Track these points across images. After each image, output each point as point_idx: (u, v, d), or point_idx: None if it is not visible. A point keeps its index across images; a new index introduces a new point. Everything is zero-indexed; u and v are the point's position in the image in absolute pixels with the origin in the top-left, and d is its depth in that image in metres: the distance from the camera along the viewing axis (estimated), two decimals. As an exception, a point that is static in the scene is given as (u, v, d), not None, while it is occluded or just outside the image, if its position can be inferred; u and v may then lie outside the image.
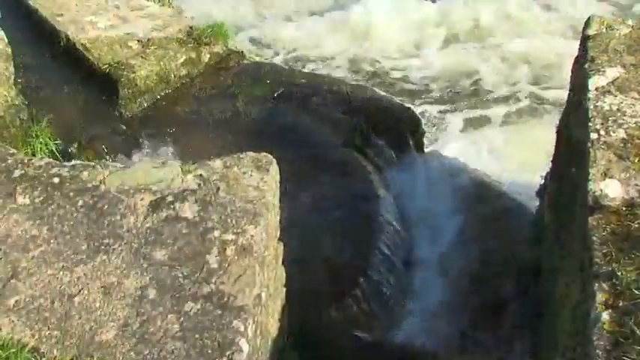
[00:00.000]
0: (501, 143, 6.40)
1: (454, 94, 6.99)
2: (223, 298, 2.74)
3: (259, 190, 3.08)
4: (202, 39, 5.82)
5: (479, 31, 7.50)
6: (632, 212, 3.02)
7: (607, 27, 3.83)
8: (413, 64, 7.21)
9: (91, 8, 5.88)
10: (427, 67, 7.21)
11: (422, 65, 7.22)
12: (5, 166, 3.18)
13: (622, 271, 2.81)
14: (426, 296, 4.87)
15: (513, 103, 6.85)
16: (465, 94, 7.00)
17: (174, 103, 5.58)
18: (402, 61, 7.25)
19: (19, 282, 2.79)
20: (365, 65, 7.23)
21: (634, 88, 3.50)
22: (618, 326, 2.68)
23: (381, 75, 7.14)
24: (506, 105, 6.83)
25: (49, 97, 5.33)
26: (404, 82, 7.07)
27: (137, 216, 2.99)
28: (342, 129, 5.47)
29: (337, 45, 7.36)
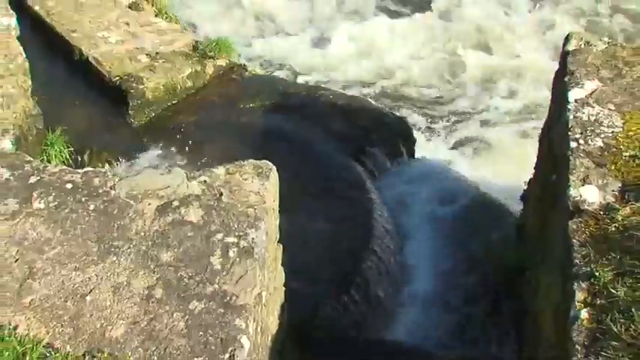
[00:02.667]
0: (487, 151, 6.41)
1: (443, 105, 7.00)
2: (226, 298, 2.74)
3: (260, 195, 3.08)
4: (207, 53, 5.83)
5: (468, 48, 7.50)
6: (610, 216, 3.03)
7: (585, 43, 3.83)
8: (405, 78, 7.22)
9: (103, 24, 5.88)
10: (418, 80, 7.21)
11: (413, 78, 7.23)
12: (22, 172, 3.16)
13: (600, 271, 2.81)
14: (417, 294, 4.86)
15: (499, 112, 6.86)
16: (453, 105, 7.01)
17: (180, 113, 5.58)
18: (395, 75, 7.25)
19: (34, 282, 2.78)
20: (361, 78, 7.23)
21: (610, 100, 3.51)
22: (596, 323, 2.68)
23: (376, 87, 7.15)
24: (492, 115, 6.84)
25: (64, 107, 5.33)
26: (397, 94, 7.07)
27: (145, 220, 2.99)
28: (338, 137, 5.47)
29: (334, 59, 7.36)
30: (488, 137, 6.56)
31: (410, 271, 4.99)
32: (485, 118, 6.81)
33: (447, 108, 6.95)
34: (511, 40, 7.52)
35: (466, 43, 7.58)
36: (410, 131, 5.89)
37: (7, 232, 2.92)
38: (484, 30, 7.63)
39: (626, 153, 3.26)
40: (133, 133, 5.45)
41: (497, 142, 6.48)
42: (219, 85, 5.78)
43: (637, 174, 3.17)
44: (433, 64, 7.39)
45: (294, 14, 7.87)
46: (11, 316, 2.66)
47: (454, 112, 6.91)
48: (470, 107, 6.97)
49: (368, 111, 5.90)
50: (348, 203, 4.99)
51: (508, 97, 7.03)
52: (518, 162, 5.57)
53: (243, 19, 7.79)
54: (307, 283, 4.12)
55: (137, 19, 6.05)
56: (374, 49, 7.51)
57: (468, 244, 5.10)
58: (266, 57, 7.33)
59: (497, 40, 7.53)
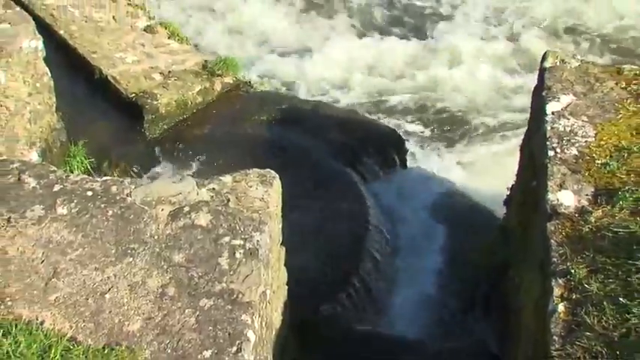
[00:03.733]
0: (473, 160, 6.40)
1: (434, 118, 6.99)
2: (233, 295, 2.74)
3: (264, 201, 3.09)
4: (215, 71, 5.83)
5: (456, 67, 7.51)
6: (584, 218, 3.04)
7: (560, 61, 3.84)
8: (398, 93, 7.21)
9: (120, 46, 5.90)
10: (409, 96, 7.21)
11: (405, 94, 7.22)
12: (47, 181, 3.17)
13: (575, 268, 2.83)
14: (409, 292, 4.86)
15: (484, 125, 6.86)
16: (442, 118, 6.99)
17: (191, 126, 5.59)
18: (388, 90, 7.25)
19: (58, 281, 2.79)
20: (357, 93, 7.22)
21: (584, 113, 3.52)
22: (572, 316, 2.70)
23: (371, 101, 7.13)
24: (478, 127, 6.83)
25: (85, 121, 5.33)
26: (390, 108, 7.07)
27: (158, 224, 3.00)
28: (336, 148, 5.48)
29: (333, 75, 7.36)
30: (473, 148, 6.56)
31: (402, 271, 4.98)
32: (471, 130, 6.80)
33: (436, 121, 6.94)
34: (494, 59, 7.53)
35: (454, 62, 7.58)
36: (402, 142, 5.89)
37: (34, 235, 2.94)
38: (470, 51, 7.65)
39: (598, 161, 3.27)
40: (147, 145, 5.46)
41: (482, 152, 6.48)
42: (226, 100, 5.79)
43: (608, 180, 3.18)
44: (423, 80, 7.38)
45: (294, 35, 7.87)
46: (38, 312, 2.67)
47: (443, 125, 6.90)
48: (458, 120, 6.96)
49: (363, 123, 5.91)
50: (344, 208, 4.98)
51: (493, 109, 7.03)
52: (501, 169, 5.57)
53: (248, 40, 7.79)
54: (308, 281, 4.12)
55: (152, 41, 6.06)
56: (368, 66, 7.51)
57: (457, 245, 5.10)
58: (269, 74, 7.31)
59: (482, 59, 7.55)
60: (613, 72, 3.77)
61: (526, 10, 8.20)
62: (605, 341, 2.53)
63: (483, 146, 6.61)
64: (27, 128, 4.18)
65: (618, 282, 2.71)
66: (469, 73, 7.41)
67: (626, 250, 2.82)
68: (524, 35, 7.88)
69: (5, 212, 3.01)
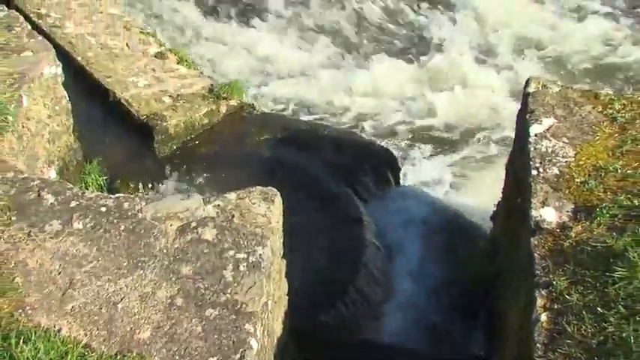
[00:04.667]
0: (461, 177, 6.39)
1: (425, 138, 6.97)
2: (237, 306, 2.75)
3: (266, 217, 3.09)
4: (221, 94, 5.81)
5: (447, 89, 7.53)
6: (565, 233, 3.06)
7: (542, 86, 3.85)
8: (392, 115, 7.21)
9: (133, 71, 5.89)
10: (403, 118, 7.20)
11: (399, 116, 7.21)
12: (64, 198, 3.19)
13: (557, 280, 2.85)
14: (403, 302, 4.84)
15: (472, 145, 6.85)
16: (433, 138, 6.98)
17: (198, 146, 5.57)
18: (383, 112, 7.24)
19: (74, 291, 2.80)
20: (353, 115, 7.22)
21: (564, 134, 3.54)
22: (554, 325, 2.72)
23: (367, 122, 7.11)
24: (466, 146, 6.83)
25: (99, 141, 5.33)
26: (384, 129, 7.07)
27: (167, 238, 3.00)
28: (334, 166, 5.46)
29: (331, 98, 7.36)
30: (462, 166, 6.54)
31: (397, 281, 4.97)
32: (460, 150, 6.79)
33: (428, 141, 6.92)
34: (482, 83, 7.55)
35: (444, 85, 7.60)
36: (396, 161, 5.88)
37: (52, 248, 2.95)
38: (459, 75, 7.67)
39: (577, 179, 3.29)
40: (157, 163, 5.44)
41: (469, 170, 6.47)
42: (231, 121, 5.76)
43: (586, 197, 3.20)
44: (415, 102, 7.38)
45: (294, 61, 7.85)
46: (56, 320, 2.69)
47: (434, 144, 6.88)
48: (447, 140, 6.95)
49: (359, 143, 5.88)
50: (341, 223, 4.97)
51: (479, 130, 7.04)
52: (488, 187, 5.58)
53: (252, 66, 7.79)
54: (308, 292, 4.10)
55: (162, 66, 6.05)
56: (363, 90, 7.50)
57: (448, 258, 5.08)
58: (271, 97, 7.29)
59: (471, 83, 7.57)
60: (590, 96, 3.79)
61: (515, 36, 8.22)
62: (585, 348, 2.56)
63: (471, 165, 6.60)
64: (46, 148, 4.19)
65: (596, 293, 2.73)
66: (458, 96, 7.40)
67: (603, 263, 2.84)
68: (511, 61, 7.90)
69: (26, 227, 3.03)
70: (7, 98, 3.64)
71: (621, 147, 3.43)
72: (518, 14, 8.50)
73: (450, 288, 4.85)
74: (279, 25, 8.42)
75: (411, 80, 7.68)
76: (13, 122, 3.61)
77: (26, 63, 3.97)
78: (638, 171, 3.26)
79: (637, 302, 2.62)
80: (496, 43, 8.15)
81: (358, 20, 8.56)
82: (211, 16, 8.45)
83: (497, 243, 4.44)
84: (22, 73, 3.87)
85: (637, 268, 2.71)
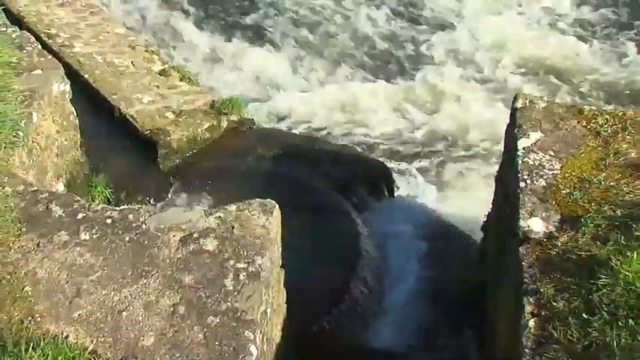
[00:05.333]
0: (453, 189, 6.40)
1: (418, 152, 7.00)
2: (237, 314, 2.75)
3: (265, 228, 3.10)
4: (222, 110, 5.83)
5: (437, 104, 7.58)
6: (552, 243, 3.08)
7: (530, 102, 3.87)
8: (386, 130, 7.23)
9: (137, 88, 5.93)
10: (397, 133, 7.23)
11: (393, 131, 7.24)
12: (72, 210, 3.20)
13: (544, 288, 2.86)
14: (397, 308, 4.83)
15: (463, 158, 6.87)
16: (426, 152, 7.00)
17: (200, 160, 5.58)
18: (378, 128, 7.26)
19: (81, 300, 2.81)
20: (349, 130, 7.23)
21: (550, 148, 3.56)
22: (541, 330, 2.73)
23: (362, 137, 7.13)
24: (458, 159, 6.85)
25: (105, 155, 5.32)
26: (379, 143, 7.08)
27: (170, 249, 3.01)
28: (331, 179, 5.47)
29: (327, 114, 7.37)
30: (454, 178, 6.56)
31: (390, 289, 4.96)
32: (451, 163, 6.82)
33: (420, 155, 6.95)
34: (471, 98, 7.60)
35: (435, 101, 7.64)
36: (390, 174, 5.90)
37: (60, 258, 2.97)
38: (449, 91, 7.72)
39: (563, 191, 3.31)
40: (161, 176, 5.45)
41: (462, 183, 6.49)
42: (231, 136, 5.78)
43: (572, 208, 3.22)
44: (408, 118, 7.42)
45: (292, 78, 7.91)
46: (63, 327, 2.70)
47: (427, 157, 6.90)
48: (439, 154, 6.97)
49: (355, 157, 5.91)
50: (338, 233, 4.98)
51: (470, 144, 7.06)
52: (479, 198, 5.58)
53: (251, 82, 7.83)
54: (305, 300, 4.09)
55: (165, 83, 6.09)
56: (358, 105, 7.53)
57: (440, 266, 5.08)
58: (270, 113, 7.32)
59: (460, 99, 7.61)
60: (575, 112, 3.81)
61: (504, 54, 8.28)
62: (570, 352, 2.57)
63: (462, 177, 6.62)
64: (54, 162, 4.20)
65: (581, 300, 2.74)
66: (451, 111, 7.45)
67: (588, 271, 2.85)
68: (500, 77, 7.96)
69: (35, 237, 3.05)
70: (18, 115, 3.67)
71: (604, 160, 3.45)
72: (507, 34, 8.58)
73: (441, 295, 4.84)
74: (278, 44, 8.48)
75: (405, 96, 7.73)
76: (24, 137, 3.64)
77: (36, 81, 3.99)
78: (620, 183, 3.29)
79: (619, 308, 2.64)
80: (486, 60, 8.22)
81: (354, 40, 8.63)
82: (213, 35, 8.52)
83: (487, 252, 4.46)
84: (33, 90, 3.90)
85: (619, 275, 2.73)
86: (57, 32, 6.46)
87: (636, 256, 2.77)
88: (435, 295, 4.88)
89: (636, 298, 2.64)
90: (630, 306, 2.62)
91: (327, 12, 8.99)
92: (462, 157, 6.89)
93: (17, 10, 6.65)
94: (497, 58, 8.23)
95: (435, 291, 4.90)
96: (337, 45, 8.53)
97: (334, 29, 8.73)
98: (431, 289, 4.92)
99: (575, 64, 8.11)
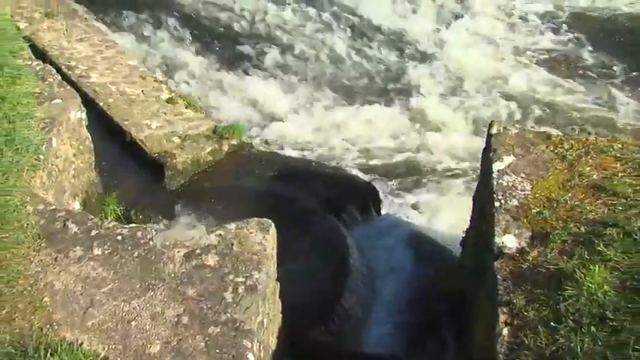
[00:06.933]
0: (435, 208, 6.40)
1: (403, 173, 7.02)
2: (236, 324, 2.76)
3: (262, 245, 3.11)
4: (223, 135, 5.85)
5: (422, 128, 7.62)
6: (523, 257, 3.10)
7: (503, 128, 3.91)
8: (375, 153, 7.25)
9: (147, 115, 5.96)
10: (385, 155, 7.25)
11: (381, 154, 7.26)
12: (86, 227, 3.22)
13: (516, 299, 2.88)
14: (384, 317, 4.83)
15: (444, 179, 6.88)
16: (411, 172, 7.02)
17: (203, 181, 5.59)
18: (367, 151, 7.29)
19: (94, 310, 2.82)
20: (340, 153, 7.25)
21: (522, 171, 3.59)
22: (514, 337, 2.75)
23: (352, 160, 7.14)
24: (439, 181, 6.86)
25: (117, 176, 5.33)
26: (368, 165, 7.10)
27: (175, 264, 3.02)
28: (323, 199, 5.47)
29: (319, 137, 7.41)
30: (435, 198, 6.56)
31: (377, 300, 4.97)
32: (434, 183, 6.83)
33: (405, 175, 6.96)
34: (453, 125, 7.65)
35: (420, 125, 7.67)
36: (377, 194, 5.90)
37: (75, 272, 2.98)
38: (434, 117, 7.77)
39: (534, 210, 3.34)
40: (167, 196, 5.46)
41: (442, 201, 6.49)
42: (232, 159, 5.79)
43: (541, 225, 3.25)
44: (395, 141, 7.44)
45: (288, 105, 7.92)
46: (78, 335, 2.71)
47: (411, 178, 6.92)
48: (423, 174, 7.00)
49: (345, 178, 5.93)
50: (329, 249, 4.98)
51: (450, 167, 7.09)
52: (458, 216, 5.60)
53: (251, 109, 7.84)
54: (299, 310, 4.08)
55: (172, 110, 6.11)
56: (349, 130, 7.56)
57: (423, 278, 5.07)
58: (267, 137, 7.33)
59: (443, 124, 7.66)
60: (544, 137, 3.85)
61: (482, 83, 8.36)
62: (540, 357, 2.59)
63: (443, 196, 6.63)
64: (71, 182, 4.22)
65: (550, 309, 2.77)
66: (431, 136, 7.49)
67: (555, 283, 2.88)
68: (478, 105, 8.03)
69: (53, 252, 3.06)
70: (40, 140, 3.70)
71: (570, 181, 3.48)
72: (484, 65, 8.66)
73: (424, 304, 4.83)
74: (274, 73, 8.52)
75: (392, 121, 7.76)
76: (45, 161, 3.66)
77: (56, 109, 4.03)
78: (584, 202, 3.32)
79: (583, 316, 2.66)
80: (466, 89, 8.29)
81: (343, 69, 8.69)
82: (215, 66, 8.56)
83: (466, 265, 4.46)
84: (53, 117, 3.93)
85: (583, 287, 2.76)
86: (76, 64, 6.51)
87: (598, 269, 2.81)
88: (418, 304, 4.87)
89: (598, 307, 2.67)
90: (593, 314, 2.65)
91: (319, 44, 9.05)
92: (443, 178, 6.90)
93: (42, 45, 6.73)
94: (476, 88, 8.30)
95: (419, 300, 4.89)
96: (327, 74, 8.57)
97: (325, 59, 8.79)
98: (415, 298, 4.91)
99: (546, 94, 8.20)
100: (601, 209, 3.24)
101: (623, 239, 2.97)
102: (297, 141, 7.35)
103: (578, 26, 9.51)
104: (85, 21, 7.61)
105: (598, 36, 9.23)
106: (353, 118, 7.73)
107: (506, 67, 8.64)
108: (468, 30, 9.32)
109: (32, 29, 6.96)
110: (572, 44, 9.14)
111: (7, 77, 4.03)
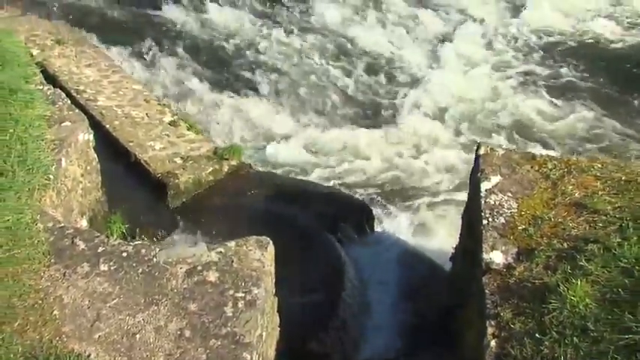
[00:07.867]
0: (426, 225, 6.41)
1: (394, 191, 7.03)
2: (236, 337, 2.76)
3: (261, 262, 3.12)
4: (224, 156, 5.88)
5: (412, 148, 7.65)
6: (510, 273, 3.12)
7: (490, 149, 3.93)
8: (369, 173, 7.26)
9: (150, 137, 6.00)
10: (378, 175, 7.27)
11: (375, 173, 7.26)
12: (93, 244, 3.23)
13: (503, 312, 2.90)
14: (377, 327, 4.84)
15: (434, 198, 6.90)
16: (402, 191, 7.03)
17: (204, 200, 5.61)
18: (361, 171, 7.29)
19: (101, 323, 2.83)
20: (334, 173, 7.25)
21: (508, 190, 3.61)
22: (501, 349, 2.77)
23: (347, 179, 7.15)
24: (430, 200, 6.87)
25: (122, 195, 5.32)
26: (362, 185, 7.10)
27: (177, 279, 3.03)
28: (319, 217, 5.49)
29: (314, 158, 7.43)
30: (426, 215, 6.58)
31: (372, 311, 4.97)
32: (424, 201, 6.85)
33: (397, 194, 6.98)
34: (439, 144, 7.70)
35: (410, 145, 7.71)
36: (371, 212, 5.92)
37: (83, 287, 2.99)
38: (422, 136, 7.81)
39: (519, 227, 3.36)
40: (170, 214, 5.48)
41: (432, 218, 6.50)
42: (231, 179, 5.82)
43: (527, 242, 3.27)
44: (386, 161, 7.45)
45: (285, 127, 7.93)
46: (86, 347, 2.72)
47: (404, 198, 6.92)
48: (414, 193, 7.01)
49: (340, 197, 5.97)
50: (325, 264, 4.99)
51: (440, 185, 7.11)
52: (448, 233, 5.62)
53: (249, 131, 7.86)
54: (297, 322, 4.09)
55: (174, 132, 6.15)
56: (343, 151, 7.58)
57: (415, 292, 5.09)
58: (265, 158, 7.33)
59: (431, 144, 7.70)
60: (529, 158, 3.87)
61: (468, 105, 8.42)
62: (525, 368, 2.59)
63: (434, 214, 6.64)
64: (79, 201, 4.23)
65: (535, 322, 2.79)
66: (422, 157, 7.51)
67: (540, 296, 2.90)
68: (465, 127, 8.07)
69: (62, 268, 3.08)
70: (50, 161, 3.73)
71: (554, 199, 3.51)
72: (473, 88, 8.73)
73: (416, 317, 4.84)
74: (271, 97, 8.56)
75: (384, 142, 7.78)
76: (54, 180, 3.69)
77: (65, 131, 4.06)
78: (567, 219, 3.34)
79: (566, 328, 2.68)
80: (454, 112, 8.33)
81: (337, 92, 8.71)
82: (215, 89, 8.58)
83: (455, 280, 4.47)
84: (62, 139, 3.96)
85: (566, 300, 2.77)
86: (84, 88, 6.57)
87: (580, 283, 2.83)
88: (410, 316, 4.88)
89: (580, 318, 2.69)
90: (575, 326, 2.67)
91: (315, 68, 9.12)
92: (433, 197, 6.91)
93: (53, 70, 6.80)
94: (464, 110, 8.35)
95: (411, 313, 4.90)
96: (322, 97, 8.61)
97: (320, 83, 8.84)
98: (407, 311, 4.92)
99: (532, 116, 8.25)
100: (582, 226, 3.27)
101: (603, 254, 3.00)
102: (294, 161, 7.35)
103: (565, 49, 9.60)
104: (93, 47, 7.69)
105: (585, 59, 9.32)
106: (347, 139, 7.74)
107: (493, 91, 8.71)
108: (457, 53, 9.40)
109: (44, 55, 7.04)
110: (559, 67, 9.21)
111: (20, 101, 4.07)
